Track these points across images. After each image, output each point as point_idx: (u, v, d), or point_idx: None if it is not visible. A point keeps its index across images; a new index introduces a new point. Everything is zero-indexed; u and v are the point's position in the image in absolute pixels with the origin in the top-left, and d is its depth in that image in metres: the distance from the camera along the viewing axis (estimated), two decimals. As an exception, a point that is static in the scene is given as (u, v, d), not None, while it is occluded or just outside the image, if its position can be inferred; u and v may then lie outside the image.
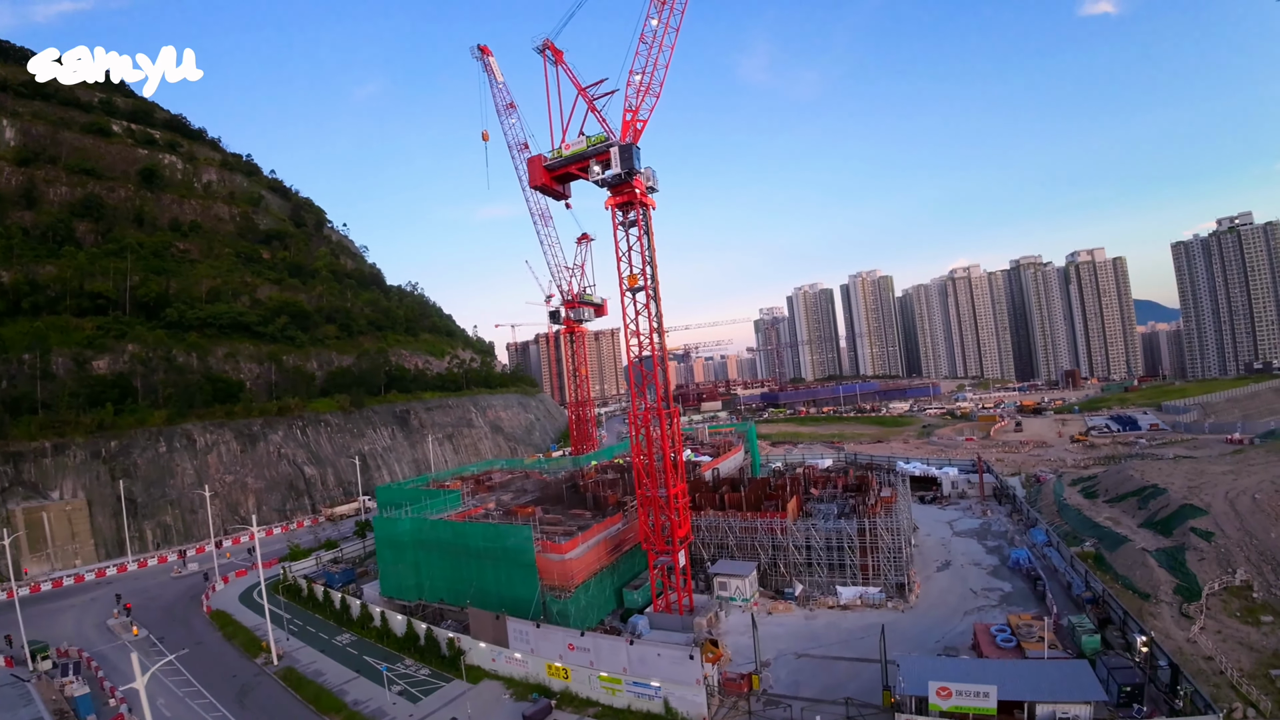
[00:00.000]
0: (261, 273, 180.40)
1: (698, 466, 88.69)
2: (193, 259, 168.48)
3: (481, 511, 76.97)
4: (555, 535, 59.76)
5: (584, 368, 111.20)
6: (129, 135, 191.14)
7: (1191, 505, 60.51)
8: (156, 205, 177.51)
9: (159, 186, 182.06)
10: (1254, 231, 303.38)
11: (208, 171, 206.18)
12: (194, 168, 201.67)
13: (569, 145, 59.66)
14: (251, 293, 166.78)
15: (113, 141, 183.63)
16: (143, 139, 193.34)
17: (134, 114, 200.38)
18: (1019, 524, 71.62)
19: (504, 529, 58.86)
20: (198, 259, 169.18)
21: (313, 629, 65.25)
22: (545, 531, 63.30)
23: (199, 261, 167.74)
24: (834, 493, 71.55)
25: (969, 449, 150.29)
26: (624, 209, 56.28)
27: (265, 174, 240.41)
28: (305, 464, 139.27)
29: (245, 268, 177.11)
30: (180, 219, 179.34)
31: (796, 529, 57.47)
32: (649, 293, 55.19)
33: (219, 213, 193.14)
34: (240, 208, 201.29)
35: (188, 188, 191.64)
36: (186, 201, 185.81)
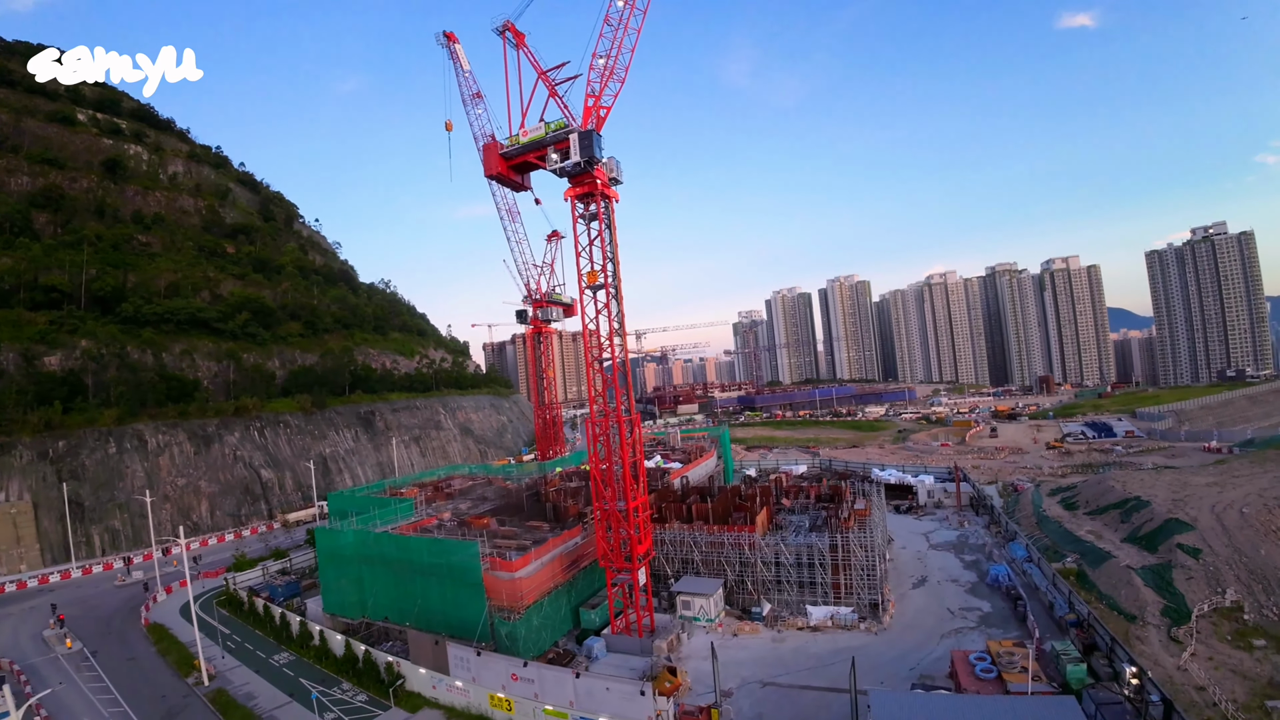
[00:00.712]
0: (225, 268, 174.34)
1: (666, 474, 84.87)
2: (154, 252, 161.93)
3: (435, 522, 72.55)
4: (507, 551, 55.58)
5: (551, 370, 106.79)
6: (94, 125, 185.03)
7: (1177, 520, 57.80)
8: (119, 197, 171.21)
9: (123, 178, 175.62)
10: (1228, 241, 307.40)
11: (174, 163, 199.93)
12: (160, 159, 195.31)
13: (528, 132, 55.69)
14: (213, 288, 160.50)
15: (77, 131, 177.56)
16: (108, 128, 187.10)
17: (100, 103, 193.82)
18: (997, 536, 68.69)
19: (449, 544, 54.50)
20: (159, 252, 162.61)
21: (251, 646, 60.85)
22: (497, 546, 59.07)
23: (160, 255, 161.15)
24: (806, 503, 68.12)
25: (945, 455, 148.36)
26: (584, 200, 52.37)
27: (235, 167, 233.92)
28: (262, 467, 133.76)
29: (208, 262, 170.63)
30: (143, 211, 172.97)
31: (765, 544, 53.80)
32: (610, 291, 51.29)
33: (184, 205, 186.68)
34: (206, 200, 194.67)
35: (152, 179, 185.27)
36: (151, 193, 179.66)
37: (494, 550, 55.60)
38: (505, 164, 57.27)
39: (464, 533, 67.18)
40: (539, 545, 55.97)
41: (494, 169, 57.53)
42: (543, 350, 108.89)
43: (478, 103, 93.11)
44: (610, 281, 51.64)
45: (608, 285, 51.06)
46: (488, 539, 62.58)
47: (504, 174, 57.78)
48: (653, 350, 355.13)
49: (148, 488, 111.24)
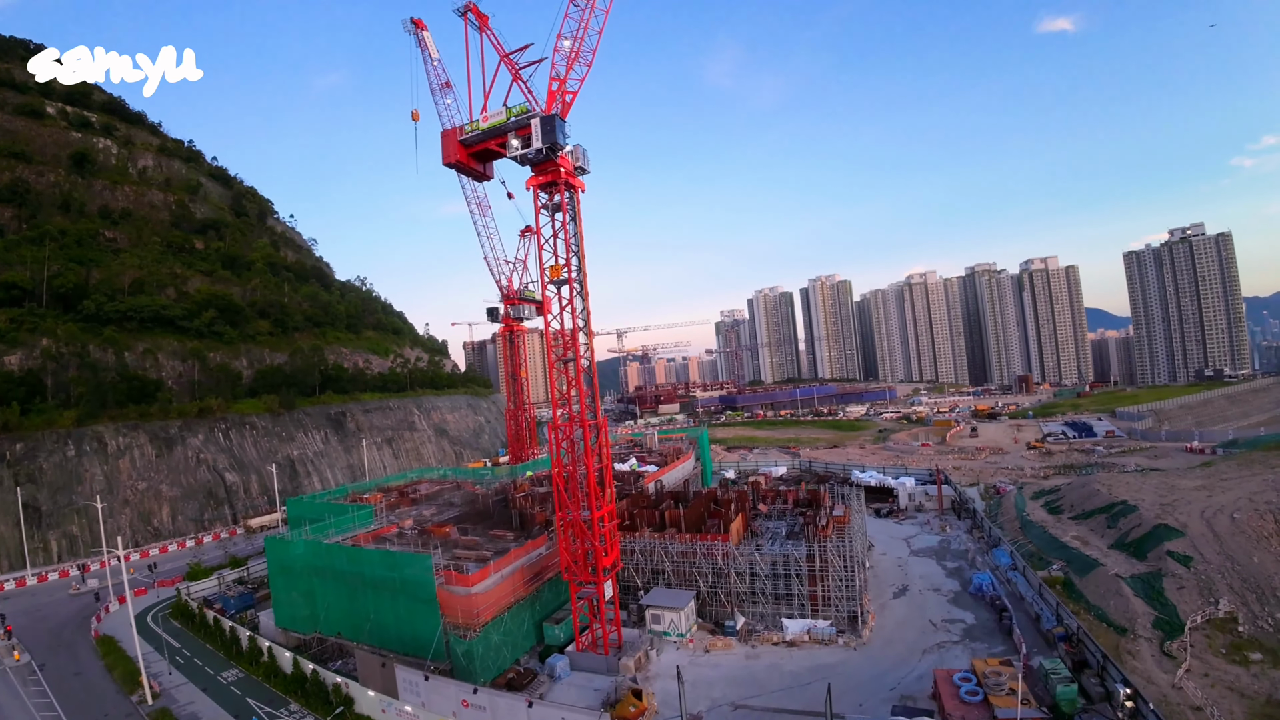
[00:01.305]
0: (193, 264, 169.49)
1: (640, 477, 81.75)
2: (119, 248, 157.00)
3: (395, 530, 68.96)
4: (465, 563, 52.21)
5: (524, 370, 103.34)
6: (63, 118, 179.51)
7: (1166, 525, 55.69)
8: (87, 191, 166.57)
9: (91, 172, 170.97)
10: (1206, 242, 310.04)
11: (144, 157, 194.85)
12: (129, 152, 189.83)
13: (488, 117, 52.28)
14: (180, 285, 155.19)
15: (46, 124, 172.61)
16: (77, 122, 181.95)
17: (70, 96, 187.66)
18: (980, 542, 66.35)
19: (402, 557, 50.98)
20: (125, 248, 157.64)
21: (200, 661, 57.28)
22: (456, 557, 55.66)
23: (126, 251, 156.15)
24: (784, 509, 65.37)
25: (925, 455, 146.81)
26: (547, 190, 49.12)
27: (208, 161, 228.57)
28: (226, 470, 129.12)
29: (175, 258, 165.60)
30: (111, 206, 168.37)
31: (739, 554, 50.86)
32: (574, 286, 48.09)
33: (153, 200, 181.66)
34: (176, 195, 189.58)
35: (121, 173, 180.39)
36: (119, 188, 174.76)
37: (452, 562, 52.21)
38: (465, 151, 53.85)
39: (424, 542, 63.85)
40: (501, 556, 52.67)
41: (452, 156, 54.04)
42: (515, 349, 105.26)
43: (447, 92, 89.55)
44: (575, 276, 48.45)
45: (571, 280, 47.87)
46: (447, 549, 59.39)
47: (463, 162, 54.34)
48: (633, 349, 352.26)
49: (108, 492, 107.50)
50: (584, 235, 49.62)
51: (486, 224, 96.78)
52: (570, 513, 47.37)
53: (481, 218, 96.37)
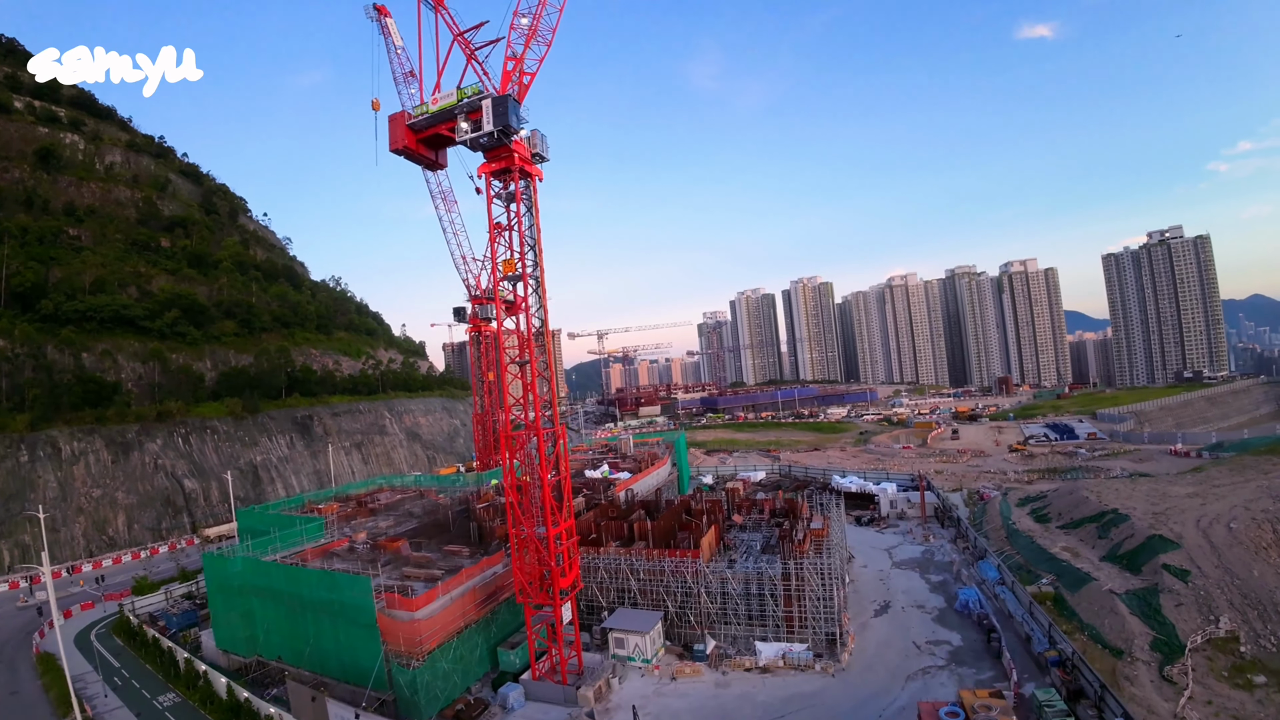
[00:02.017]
0: (158, 262, 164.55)
1: (611, 486, 77.84)
2: (82, 246, 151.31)
3: (346, 545, 64.63)
4: (412, 584, 48.09)
5: (492, 372, 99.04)
6: (30, 112, 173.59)
7: (1160, 536, 52.76)
8: (52, 187, 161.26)
9: (56, 168, 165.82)
10: (1184, 244, 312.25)
11: (112, 152, 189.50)
12: (97, 148, 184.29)
13: (438, 100, 48.11)
14: (144, 284, 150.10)
15: (13, 119, 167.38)
16: (45, 116, 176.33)
17: (39, 90, 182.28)
18: (965, 552, 63.13)
19: (340, 578, 46.69)
20: (88, 246, 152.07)
21: (138, 683, 53.27)
22: (406, 576, 51.53)
23: (88, 249, 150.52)
24: (760, 519, 61.78)
25: (906, 458, 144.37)
26: (501, 178, 45.17)
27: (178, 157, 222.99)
28: (185, 476, 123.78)
29: (139, 256, 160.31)
30: (76, 203, 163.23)
31: (710, 571, 47.09)
32: (530, 283, 44.18)
33: (119, 197, 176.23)
34: (144, 192, 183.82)
35: (88, 169, 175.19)
36: (85, 184, 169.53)
37: (398, 583, 48.09)
38: (413, 136, 49.51)
39: (374, 558, 59.68)
40: (453, 575, 48.58)
41: (400, 142, 49.70)
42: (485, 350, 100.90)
43: (411, 81, 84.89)
44: (531, 272, 44.55)
45: (527, 276, 43.95)
46: (397, 566, 55.26)
47: (412, 148, 49.98)
48: (614, 351, 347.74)
49: (61, 499, 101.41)
50: (542, 227, 45.81)
51: (453, 219, 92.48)
52: (524, 529, 43.44)
53: (447, 213, 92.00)
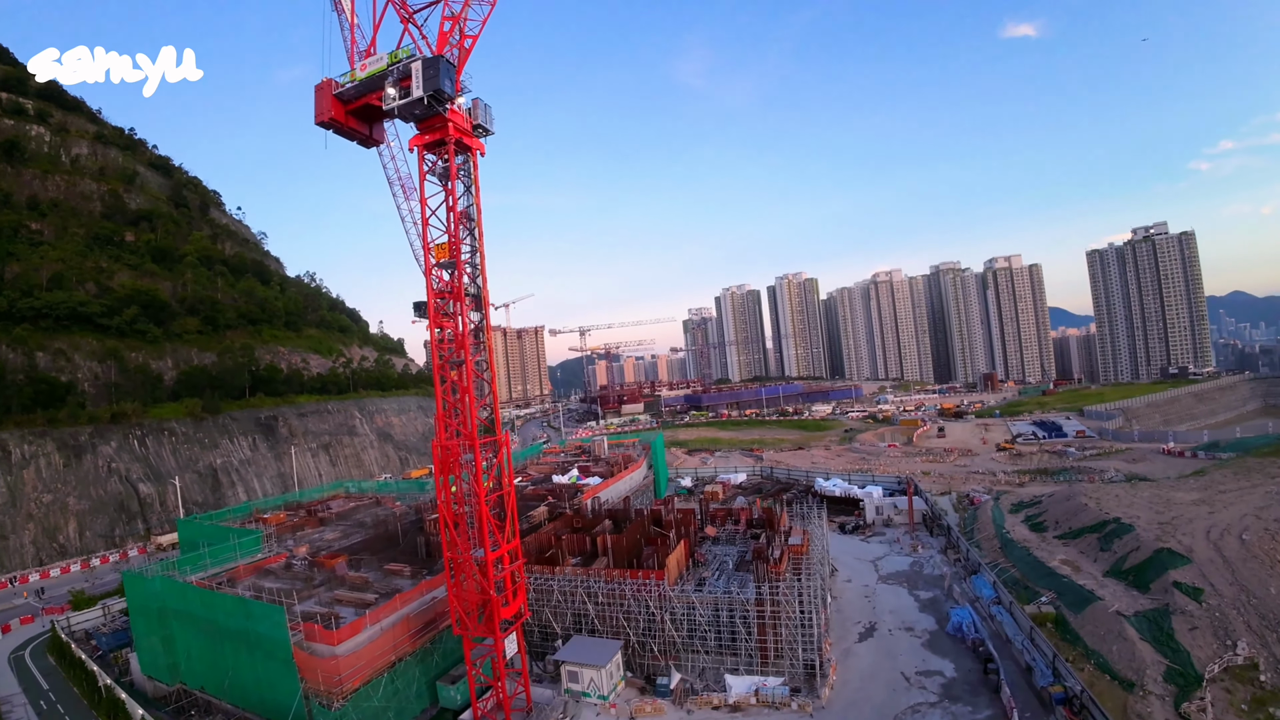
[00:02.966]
0: (121, 257, 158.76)
1: (579, 493, 72.62)
2: (43, 241, 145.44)
3: (283, 561, 59.14)
4: (342, 609, 42.72)
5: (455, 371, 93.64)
6: None
7: (1169, 550, 48.33)
8: (15, 181, 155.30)
9: (21, 161, 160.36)
10: (1169, 240, 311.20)
11: (79, 145, 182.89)
12: (62, 140, 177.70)
13: (367, 66, 42.34)
14: (105, 279, 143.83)
15: None
16: (11, 109, 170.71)
17: (5, 82, 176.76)
18: (957, 564, 58.51)
19: (255, 606, 41.16)
20: (50, 241, 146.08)
21: (63, 708, 49.28)
22: (337, 600, 46.16)
23: (49, 244, 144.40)
24: (735, 530, 56.80)
25: (892, 457, 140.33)
26: (436, 151, 39.72)
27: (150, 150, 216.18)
28: (140, 481, 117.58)
29: (101, 251, 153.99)
30: (40, 197, 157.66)
31: (675, 595, 42.01)
32: (465, 270, 38.85)
33: (85, 190, 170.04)
34: (110, 185, 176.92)
35: (53, 162, 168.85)
36: (50, 178, 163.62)
37: (324, 610, 42.73)
38: (341, 107, 43.39)
39: (312, 576, 54.39)
40: (386, 601, 43.21)
41: (326, 114, 43.24)
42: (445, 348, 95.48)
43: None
44: (468, 258, 39.22)
45: (462, 264, 38.60)
46: (332, 587, 49.90)
47: (340, 121, 43.53)
48: (595, 348, 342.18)
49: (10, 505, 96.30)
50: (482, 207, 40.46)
51: (412, 208, 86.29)
52: (460, 553, 38.17)
53: (405, 200, 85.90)
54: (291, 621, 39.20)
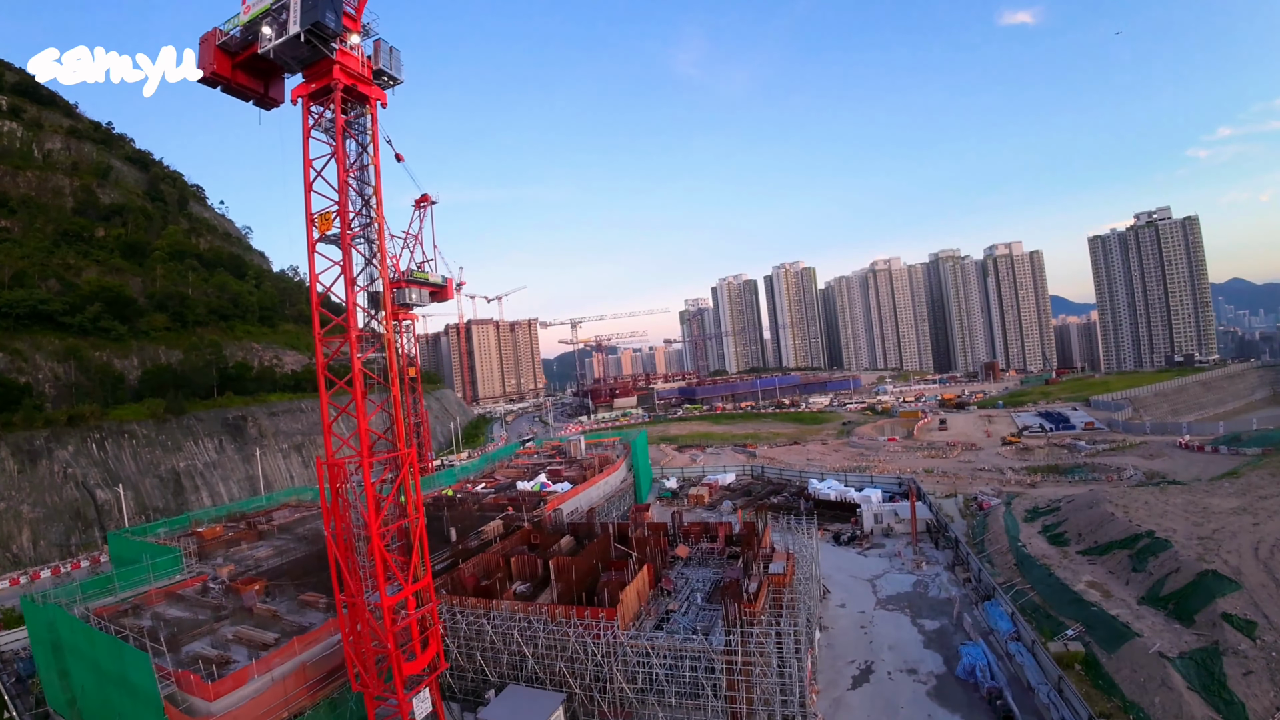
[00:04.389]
0: (89, 253, 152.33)
1: (543, 502, 65.27)
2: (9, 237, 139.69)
3: (200, 584, 52.07)
4: (233, 654, 35.46)
5: (414, 367, 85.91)
6: None
7: (1214, 573, 41.11)
8: None
9: None
10: (1172, 226, 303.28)
11: (52, 139, 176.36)
12: (35, 135, 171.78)
13: (250, 7, 34.43)
14: (71, 276, 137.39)
15: None
16: None
17: None
18: (966, 584, 51.15)
19: (127, 650, 33.81)
20: (16, 237, 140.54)
21: None
22: (236, 638, 38.98)
23: (13, 240, 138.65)
24: (711, 550, 49.41)
25: (892, 452, 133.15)
26: (320, 101, 32.18)
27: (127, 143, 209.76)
28: (98, 486, 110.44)
29: (69, 247, 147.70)
30: (11, 193, 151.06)
31: (628, 641, 34.63)
32: (349, 244, 31.34)
33: (57, 185, 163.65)
34: (84, 180, 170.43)
35: (25, 157, 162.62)
36: (22, 173, 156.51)
37: (212, 655, 35.49)
38: (226, 60, 35.43)
39: (226, 604, 47.42)
40: (286, 642, 35.97)
41: (209, 68, 35.20)
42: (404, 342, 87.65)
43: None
44: (362, 230, 31.73)
45: (347, 238, 31.07)
46: (238, 620, 42.81)
47: (225, 77, 35.43)
48: (586, 340, 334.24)
49: None
50: (379, 169, 32.98)
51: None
52: (354, 596, 30.89)
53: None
54: (172, 668, 32.21)
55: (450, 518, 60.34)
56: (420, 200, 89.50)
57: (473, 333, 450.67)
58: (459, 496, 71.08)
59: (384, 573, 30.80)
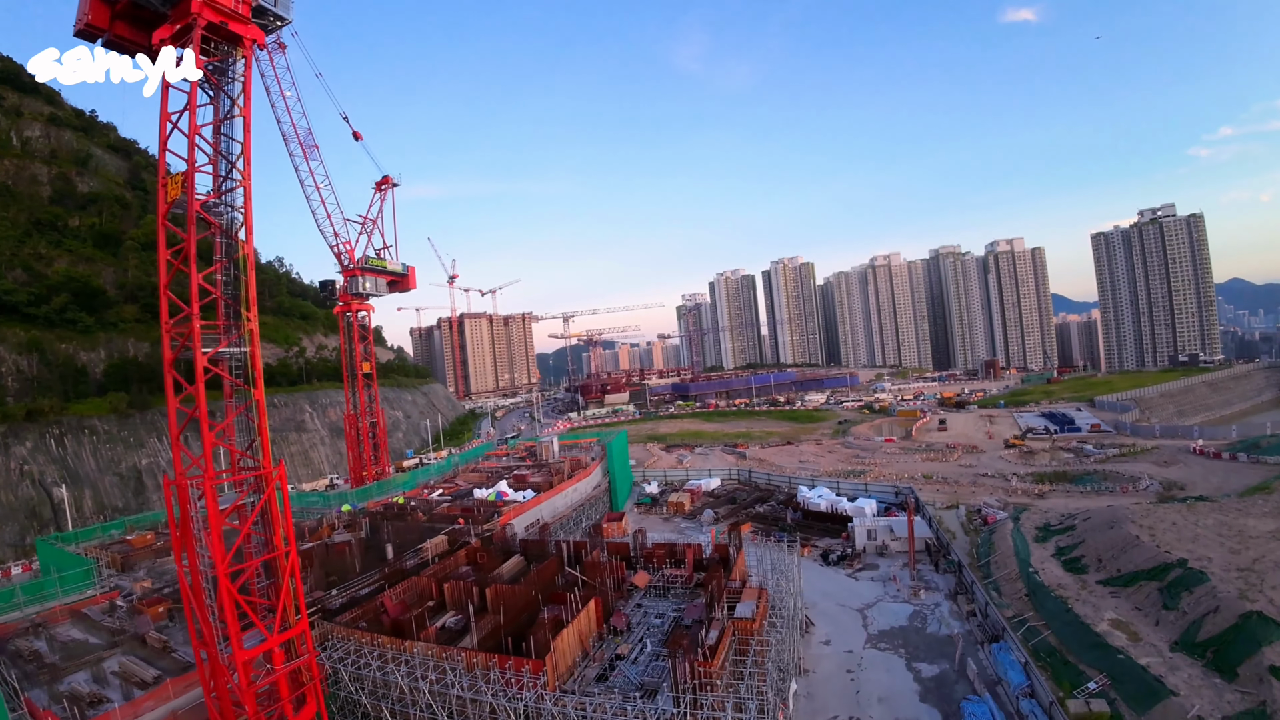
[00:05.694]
0: (62, 243, 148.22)
1: (497, 514, 58.68)
2: None
3: (108, 603, 46.45)
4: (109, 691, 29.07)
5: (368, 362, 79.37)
6: None
7: (1259, 615, 34.65)
8: None
9: None
10: (1177, 223, 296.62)
11: (31, 127, 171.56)
12: (14, 123, 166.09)
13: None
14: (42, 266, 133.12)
15: None
16: None
17: None
18: (970, 619, 44.63)
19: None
20: None
21: None
22: (121, 671, 32.65)
23: None
24: (677, 576, 42.86)
25: (889, 454, 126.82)
26: (178, 45, 25.61)
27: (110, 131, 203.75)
28: (55, 484, 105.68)
29: (41, 237, 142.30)
30: None
31: (552, 704, 28.13)
32: (194, 215, 24.82)
33: (35, 173, 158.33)
34: (62, 168, 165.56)
35: (2, 145, 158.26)
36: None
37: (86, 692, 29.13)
38: (105, 8, 28.42)
39: (123, 629, 41.64)
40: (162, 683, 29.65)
41: (85, 16, 28.32)
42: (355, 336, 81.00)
43: None
44: (222, 198, 25.20)
45: (194, 205, 24.54)
46: (125, 651, 36.75)
47: (104, 28, 28.59)
48: (578, 334, 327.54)
49: None
50: (249, 125, 26.39)
51: (314, 169, 72.23)
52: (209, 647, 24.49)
53: (306, 161, 71.78)
54: (43, 705, 25.97)
55: (391, 531, 53.87)
56: (381, 183, 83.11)
57: (465, 326, 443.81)
58: (412, 505, 64.67)
59: (236, 620, 24.50)
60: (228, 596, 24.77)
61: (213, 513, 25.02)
